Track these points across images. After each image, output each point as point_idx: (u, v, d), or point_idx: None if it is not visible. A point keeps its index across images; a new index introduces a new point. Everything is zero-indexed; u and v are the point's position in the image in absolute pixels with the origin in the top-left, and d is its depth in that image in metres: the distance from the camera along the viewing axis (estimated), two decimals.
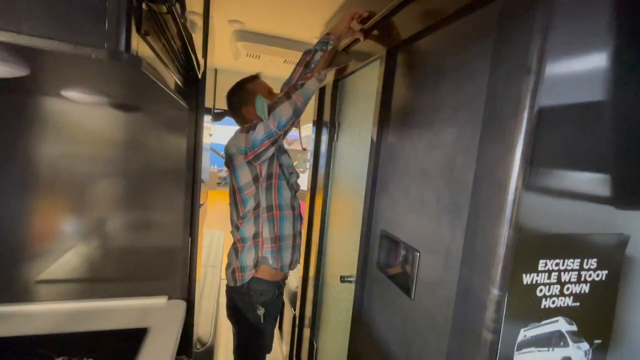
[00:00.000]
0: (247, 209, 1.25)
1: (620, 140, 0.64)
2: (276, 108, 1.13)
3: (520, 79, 0.56)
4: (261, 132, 1.14)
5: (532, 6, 0.55)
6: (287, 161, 1.35)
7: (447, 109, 0.78)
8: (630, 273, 0.70)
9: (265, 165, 1.22)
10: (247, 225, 1.27)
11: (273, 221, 1.27)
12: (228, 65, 2.74)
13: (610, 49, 0.59)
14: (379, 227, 1.08)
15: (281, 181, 1.28)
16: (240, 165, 1.22)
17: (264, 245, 1.27)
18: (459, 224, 0.71)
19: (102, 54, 0.36)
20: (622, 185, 0.66)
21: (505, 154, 0.58)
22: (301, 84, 1.15)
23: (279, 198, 1.28)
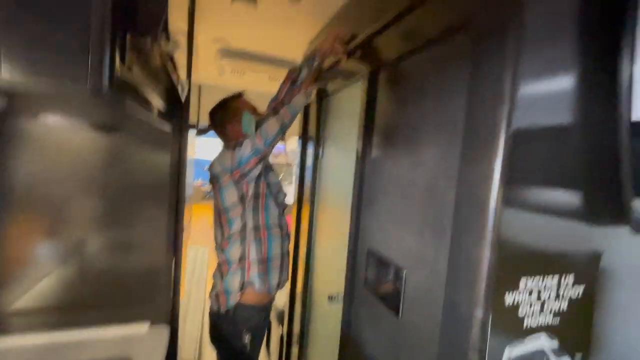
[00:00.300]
0: (233, 230, 1.23)
1: (591, 158, 0.68)
2: (263, 124, 1.14)
3: (496, 106, 0.58)
4: (248, 149, 1.14)
5: (503, 36, 0.59)
6: (275, 179, 1.35)
7: (429, 130, 0.81)
8: (604, 286, 0.73)
9: (252, 185, 1.21)
10: (232, 246, 1.24)
11: (260, 241, 1.25)
12: (212, 81, 2.74)
13: (578, 71, 0.63)
14: (366, 245, 1.09)
15: (268, 200, 1.27)
16: (226, 185, 1.20)
17: (250, 268, 1.24)
18: (443, 243, 0.72)
19: (84, 91, 0.35)
20: (594, 202, 0.69)
21: (484, 176, 0.60)
22: (288, 100, 1.16)
23: (266, 217, 1.26)
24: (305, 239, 1.76)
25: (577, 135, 0.66)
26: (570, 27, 0.62)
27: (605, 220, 0.72)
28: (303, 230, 1.82)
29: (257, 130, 1.13)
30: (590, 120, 0.66)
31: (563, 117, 0.64)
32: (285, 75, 1.29)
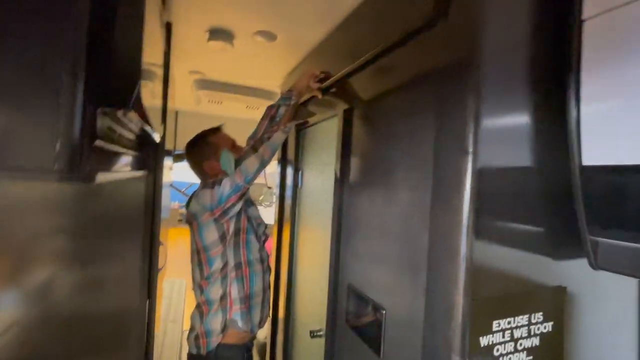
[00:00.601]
0: (214, 269, 1.19)
1: (552, 197, 0.73)
2: (243, 162, 1.14)
3: (460, 159, 0.62)
4: (227, 187, 1.12)
5: (464, 93, 0.63)
6: (255, 212, 1.34)
7: (401, 170, 0.84)
8: (571, 319, 0.76)
9: (232, 221, 1.19)
10: (213, 286, 1.20)
11: (242, 279, 1.22)
12: (190, 108, 2.73)
13: (534, 116, 0.68)
14: (346, 281, 1.09)
15: (249, 235, 1.26)
16: (205, 224, 1.17)
17: (232, 307, 1.20)
18: (419, 284, 0.74)
19: (50, 177, 0.35)
20: (557, 240, 0.74)
21: (453, 225, 0.63)
22: (268, 137, 1.17)
23: (248, 254, 1.24)
24: (286, 269, 1.73)
25: (538, 176, 0.71)
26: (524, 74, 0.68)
27: (568, 254, 0.76)
28: (284, 260, 1.79)
29: (236, 168, 1.12)
30: (548, 161, 0.72)
31: (523, 159, 0.69)
32: (264, 113, 1.31)
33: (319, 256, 1.40)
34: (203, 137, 1.31)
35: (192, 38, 1.38)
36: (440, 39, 0.71)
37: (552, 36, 0.69)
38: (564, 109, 0.68)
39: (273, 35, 1.31)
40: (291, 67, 1.67)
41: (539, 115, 0.70)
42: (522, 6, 0.67)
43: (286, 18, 1.18)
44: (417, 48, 0.79)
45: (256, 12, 1.15)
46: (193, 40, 1.40)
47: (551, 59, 0.70)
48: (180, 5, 1.12)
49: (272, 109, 1.29)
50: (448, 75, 0.68)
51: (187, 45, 1.46)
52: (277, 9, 1.12)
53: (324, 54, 1.35)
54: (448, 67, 0.69)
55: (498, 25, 0.65)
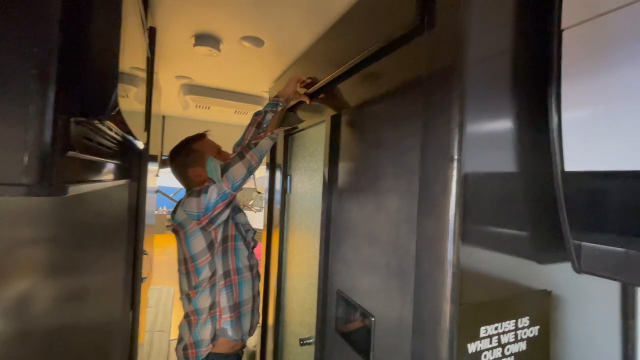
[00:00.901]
0: (202, 278, 1.16)
1: (536, 201, 0.74)
2: (229, 169, 1.12)
3: (446, 165, 0.62)
4: (214, 195, 1.10)
5: (449, 101, 0.64)
6: (243, 219, 1.32)
7: (388, 178, 0.84)
8: (557, 322, 0.77)
9: (220, 229, 1.17)
10: (201, 295, 1.17)
11: (231, 287, 1.20)
12: (177, 113, 2.69)
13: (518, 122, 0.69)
14: (335, 287, 1.08)
15: (237, 242, 1.23)
16: (192, 232, 1.14)
17: (222, 316, 1.18)
18: (407, 291, 0.74)
19: (17, 192, 0.33)
20: (542, 244, 0.75)
21: (440, 231, 0.63)
22: (255, 143, 1.16)
23: (236, 261, 1.22)
24: (276, 275, 1.71)
25: (522, 181, 0.72)
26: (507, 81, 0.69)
27: (552, 258, 0.77)
28: (273, 266, 1.77)
29: (223, 175, 1.10)
30: (532, 166, 0.73)
31: (507, 167, 0.70)
32: (251, 119, 1.29)
33: (308, 262, 1.39)
34: (187, 144, 1.28)
35: (177, 43, 1.36)
36: (425, 47, 0.72)
37: (534, 44, 0.71)
38: (546, 116, 0.69)
39: (260, 40, 1.30)
40: (279, 73, 1.67)
41: (523, 121, 0.71)
42: (504, 15, 0.69)
43: (273, 24, 1.18)
44: (403, 55, 0.80)
45: (243, 17, 1.14)
46: (179, 45, 1.38)
47: (534, 66, 0.71)
48: (164, 9, 1.11)
49: (259, 115, 1.28)
50: (433, 83, 0.69)
51: (173, 50, 1.44)
52: (264, 14, 1.12)
53: (311, 59, 1.35)
54: (433, 75, 0.69)
55: (481, 34, 0.66)
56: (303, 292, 1.44)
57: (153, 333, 1.99)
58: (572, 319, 0.80)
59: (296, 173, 1.59)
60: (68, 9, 0.36)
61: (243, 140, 1.29)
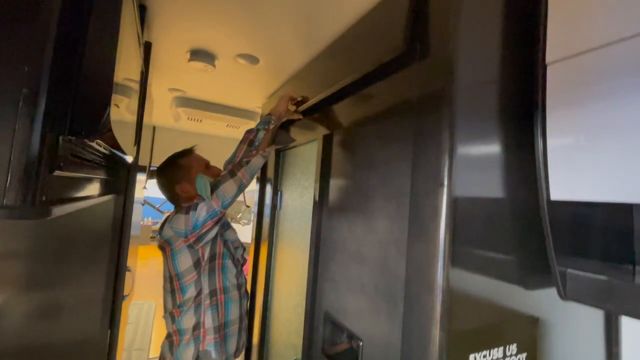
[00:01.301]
0: (187, 297, 1.13)
1: (523, 228, 0.75)
2: (220, 186, 1.10)
3: (436, 190, 0.63)
4: (203, 212, 1.08)
5: (439, 127, 0.65)
6: (232, 236, 1.29)
7: (378, 199, 0.84)
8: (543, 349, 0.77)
9: (208, 247, 1.14)
10: (186, 315, 1.13)
11: (217, 307, 1.16)
12: (168, 124, 2.67)
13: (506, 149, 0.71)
14: (323, 308, 1.06)
15: (225, 260, 1.20)
16: (179, 250, 1.11)
17: (205, 337, 1.13)
18: (396, 315, 0.73)
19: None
20: (530, 270, 0.76)
21: (430, 255, 0.63)
22: (246, 161, 1.15)
23: (224, 280, 1.19)
24: (262, 294, 1.67)
25: (510, 206, 0.73)
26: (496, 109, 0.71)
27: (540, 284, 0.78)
28: (259, 284, 1.74)
29: (213, 192, 1.09)
30: (520, 192, 0.74)
31: (495, 192, 0.71)
32: (242, 137, 1.29)
33: (296, 281, 1.36)
34: (174, 160, 1.26)
35: (173, 57, 1.37)
36: (416, 74, 0.74)
37: (521, 74, 0.74)
38: (533, 143, 0.72)
39: (255, 58, 1.32)
40: (273, 90, 1.68)
41: (510, 148, 0.73)
42: (493, 46, 0.72)
43: (269, 43, 1.20)
44: (394, 80, 0.82)
45: (239, 35, 1.16)
46: (174, 60, 1.39)
47: (521, 95, 0.74)
48: (161, 25, 1.11)
49: (251, 133, 1.28)
50: (423, 109, 0.70)
51: (167, 64, 1.44)
52: (259, 33, 1.14)
53: (305, 79, 1.37)
54: (423, 101, 0.71)
55: (471, 63, 0.68)
56: (290, 312, 1.41)
57: (131, 352, 1.90)
58: (559, 345, 0.80)
59: (287, 189, 1.59)
60: (63, 27, 0.36)
61: (235, 157, 1.28)
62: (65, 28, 0.36)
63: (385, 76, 0.85)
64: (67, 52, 0.38)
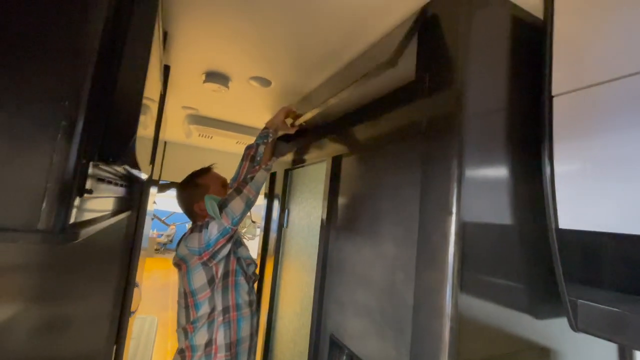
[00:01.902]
0: (201, 313, 1.14)
1: (531, 254, 0.75)
2: (228, 205, 1.12)
3: (444, 218, 0.64)
4: (215, 231, 1.10)
5: (448, 156, 0.67)
6: (245, 253, 1.31)
7: (387, 224, 0.85)
8: None
9: (221, 264, 1.16)
10: (199, 332, 1.14)
11: (229, 324, 1.16)
12: (179, 140, 2.73)
13: (515, 182, 0.72)
14: (328, 331, 1.05)
15: (238, 277, 1.22)
16: (194, 268, 1.13)
17: (217, 354, 1.13)
18: (403, 344, 0.72)
19: (31, 239, 0.34)
20: (538, 297, 0.75)
21: (439, 283, 0.63)
22: (251, 177, 1.18)
23: (237, 297, 1.20)
24: (266, 313, 1.66)
25: (519, 235, 0.73)
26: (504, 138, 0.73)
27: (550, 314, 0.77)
28: (264, 302, 1.72)
29: (222, 211, 1.11)
30: (529, 220, 0.74)
31: (505, 218, 0.72)
32: (243, 153, 1.31)
33: (301, 301, 1.36)
34: (193, 179, 1.30)
35: (188, 79, 1.42)
36: (425, 102, 0.76)
37: (529, 103, 0.76)
38: (541, 172, 0.73)
39: (268, 81, 1.37)
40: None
41: (519, 176, 0.74)
42: (501, 75, 0.74)
43: (281, 67, 1.24)
44: (404, 107, 0.84)
45: (253, 59, 1.21)
46: (189, 81, 1.44)
47: (528, 124, 0.75)
48: (179, 48, 1.17)
49: (251, 149, 1.30)
50: (432, 136, 0.72)
51: (183, 85, 1.50)
52: (272, 58, 1.18)
53: (316, 101, 1.41)
54: (432, 127, 0.73)
55: (480, 92, 0.71)
56: (294, 333, 1.40)
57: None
58: None
59: (294, 208, 1.60)
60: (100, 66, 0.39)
61: (239, 175, 1.30)
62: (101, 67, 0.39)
63: (394, 102, 0.87)
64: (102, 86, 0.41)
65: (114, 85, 0.43)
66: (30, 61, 0.36)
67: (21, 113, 0.35)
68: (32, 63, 0.36)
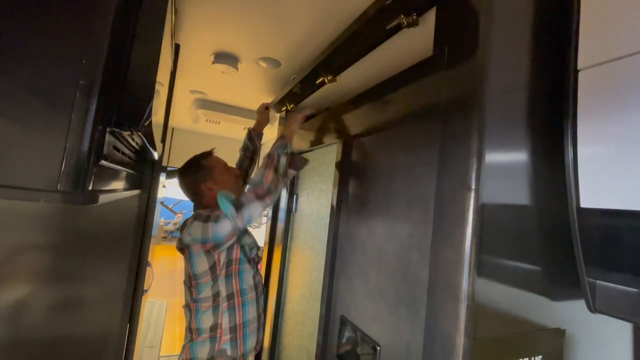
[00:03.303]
0: (202, 295, 1.17)
1: (552, 237, 0.73)
2: (246, 207, 1.10)
3: (463, 195, 0.62)
4: (228, 228, 1.10)
5: (468, 132, 0.65)
6: (248, 239, 1.31)
7: (401, 205, 0.84)
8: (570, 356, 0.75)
9: (224, 253, 1.17)
10: (204, 315, 1.16)
11: (234, 309, 1.18)
12: (186, 126, 2.73)
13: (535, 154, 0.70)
14: (338, 312, 1.05)
15: (242, 265, 1.23)
16: (197, 254, 1.14)
17: (222, 337, 1.16)
18: (417, 321, 0.72)
19: (52, 198, 0.33)
20: (557, 280, 0.74)
21: (455, 261, 0.62)
22: (275, 186, 1.16)
23: (240, 283, 1.21)
24: (275, 296, 1.68)
25: (538, 214, 0.72)
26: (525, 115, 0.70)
27: (566, 295, 0.76)
28: (272, 286, 1.74)
29: (238, 211, 1.10)
30: (548, 200, 0.73)
31: (522, 199, 0.70)
32: (265, 161, 1.20)
33: (311, 285, 1.36)
34: (197, 161, 1.30)
35: (197, 59, 1.40)
36: (444, 78, 0.74)
37: (552, 80, 0.73)
38: (562, 151, 0.70)
39: (277, 62, 1.34)
40: None
41: (539, 155, 0.72)
42: (523, 51, 0.71)
43: (291, 47, 1.22)
44: (421, 84, 0.82)
45: (262, 39, 1.18)
46: (198, 62, 1.42)
47: (551, 101, 0.73)
48: (189, 27, 1.15)
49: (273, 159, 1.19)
50: (451, 113, 0.70)
51: (191, 65, 1.48)
52: (282, 38, 1.16)
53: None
54: (451, 105, 0.71)
55: (502, 67, 0.68)
56: (303, 315, 1.41)
57: (143, 349, 1.92)
58: (585, 359, 0.78)
59: (303, 192, 1.60)
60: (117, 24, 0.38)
61: (262, 182, 1.16)
62: (118, 25, 0.38)
63: (411, 78, 0.85)
64: (119, 47, 0.40)
65: (130, 48, 0.42)
66: (48, 18, 0.35)
67: (40, 72, 0.34)
68: (50, 20, 0.35)
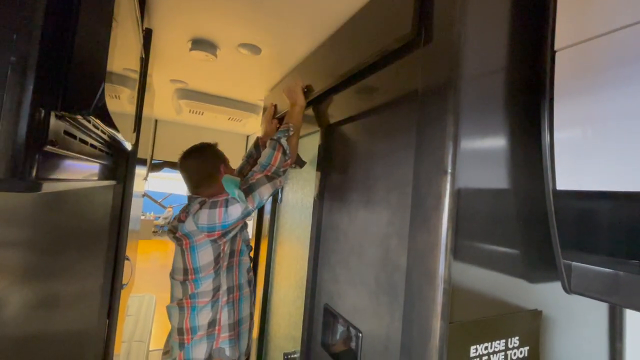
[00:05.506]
0: (200, 290, 1.11)
1: (528, 220, 0.73)
2: (256, 189, 1.08)
3: (439, 179, 0.62)
4: (239, 212, 1.07)
5: (444, 115, 0.64)
6: (246, 235, 1.29)
7: (380, 191, 0.83)
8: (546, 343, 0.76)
9: (229, 243, 1.14)
10: (202, 311, 1.11)
11: (233, 304, 1.16)
12: (170, 117, 2.66)
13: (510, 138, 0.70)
14: (322, 301, 1.05)
15: (242, 257, 1.22)
16: (200, 244, 1.09)
17: (220, 335, 1.12)
18: (396, 307, 0.72)
19: None
20: (533, 262, 0.74)
21: (432, 245, 0.62)
22: (283, 170, 1.14)
23: (240, 277, 1.19)
24: (262, 287, 1.67)
25: (514, 198, 0.72)
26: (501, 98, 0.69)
27: (543, 278, 0.76)
28: (260, 277, 1.73)
29: (249, 194, 1.07)
30: (524, 184, 0.73)
31: (499, 183, 0.69)
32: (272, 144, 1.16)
33: (296, 275, 1.36)
34: (210, 145, 1.28)
35: (173, 46, 1.35)
36: (421, 61, 0.72)
37: (528, 63, 0.72)
38: (539, 133, 0.70)
39: (258, 48, 1.30)
40: (275, 81, 1.67)
41: (516, 138, 0.71)
42: (500, 33, 0.70)
43: (271, 32, 1.18)
44: (399, 68, 0.80)
45: (241, 24, 1.14)
46: (175, 49, 1.37)
47: (527, 84, 0.72)
48: (161, 11, 1.10)
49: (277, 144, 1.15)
50: (428, 96, 0.69)
51: (168, 53, 1.43)
52: (262, 23, 1.12)
53: (308, 69, 1.35)
54: (428, 88, 0.69)
55: (478, 48, 0.67)
56: (290, 305, 1.40)
57: (131, 343, 1.90)
58: (562, 339, 0.79)
59: (288, 182, 1.58)
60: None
61: (270, 164, 1.14)
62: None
63: (389, 63, 0.83)
64: (59, 22, 0.37)
65: (75, 23, 0.39)
66: None
67: None
68: None
